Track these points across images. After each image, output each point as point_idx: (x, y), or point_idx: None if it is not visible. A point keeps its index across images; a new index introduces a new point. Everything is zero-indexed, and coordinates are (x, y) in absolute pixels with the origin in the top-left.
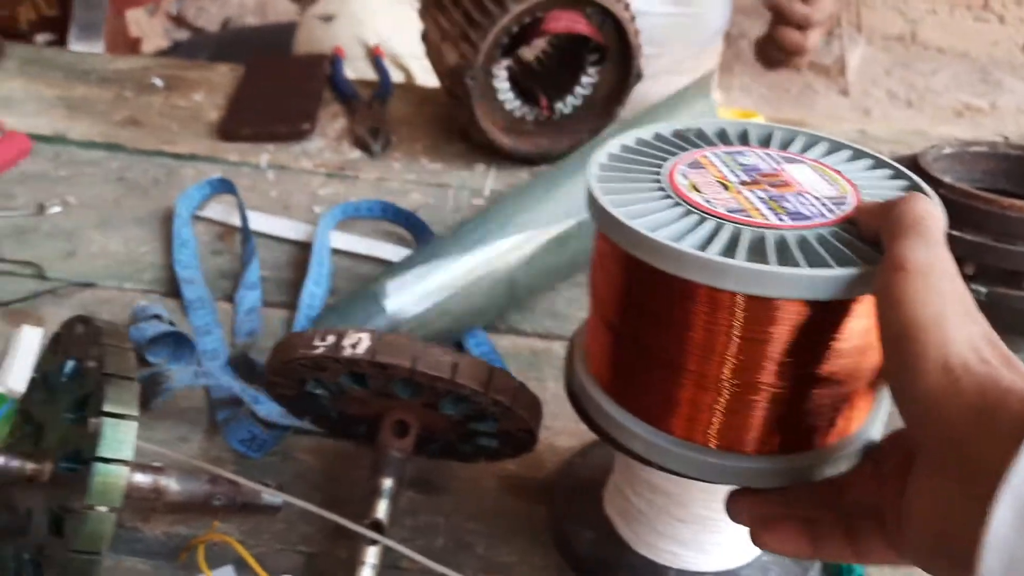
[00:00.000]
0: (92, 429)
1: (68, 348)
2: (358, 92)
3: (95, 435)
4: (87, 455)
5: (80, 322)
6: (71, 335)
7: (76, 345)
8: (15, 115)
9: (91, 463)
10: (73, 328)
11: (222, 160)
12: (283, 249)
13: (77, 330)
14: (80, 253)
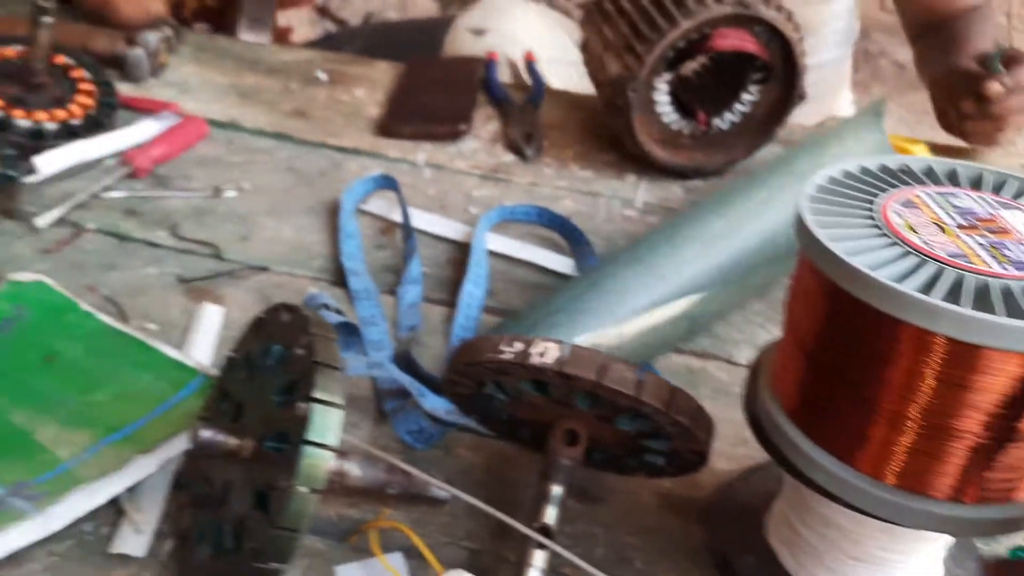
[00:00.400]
0: (300, 413)
1: (273, 333)
2: (511, 96)
3: (304, 419)
4: (294, 437)
5: (285, 310)
6: (276, 321)
7: (281, 331)
8: (192, 100)
9: (299, 445)
10: (278, 315)
11: (382, 156)
12: (441, 247)
13: (282, 317)
14: (254, 237)
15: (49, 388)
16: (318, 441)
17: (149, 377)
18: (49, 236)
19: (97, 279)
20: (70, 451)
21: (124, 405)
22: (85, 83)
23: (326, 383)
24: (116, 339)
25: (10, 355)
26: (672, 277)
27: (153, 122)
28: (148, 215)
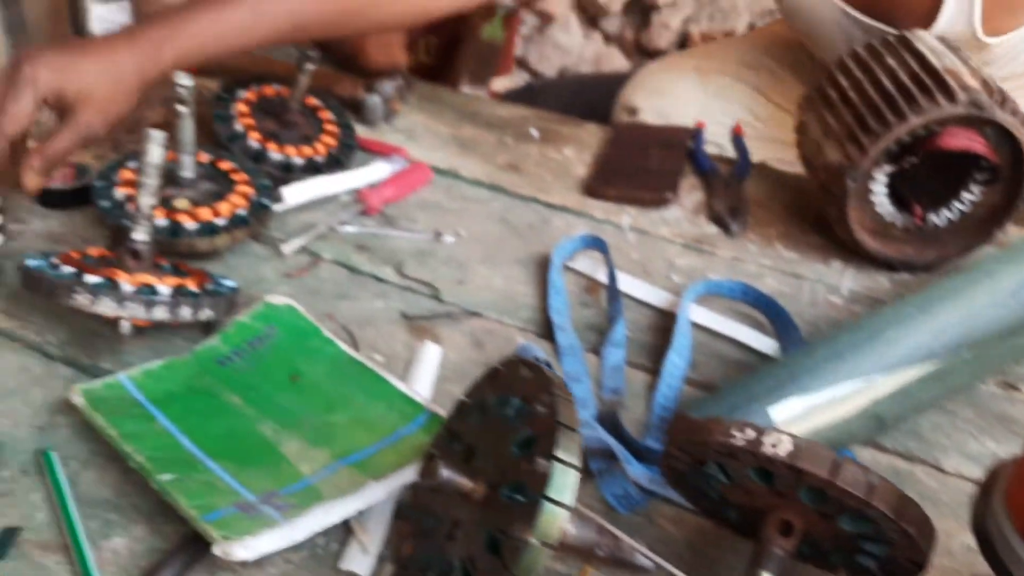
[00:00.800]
0: (541, 469)
1: (511, 386)
2: (717, 168)
3: (544, 476)
4: (532, 491)
5: (525, 365)
6: (515, 375)
7: (521, 386)
8: (417, 146)
9: (539, 500)
10: (517, 369)
11: (588, 215)
12: (643, 312)
13: (522, 372)
14: (468, 282)
15: (293, 405)
16: (557, 499)
17: (381, 407)
18: (291, 262)
19: (331, 307)
20: (311, 467)
21: (359, 430)
22: (330, 124)
23: (567, 444)
24: (353, 367)
25: (261, 370)
26: (872, 375)
27: (385, 164)
28: (376, 251)
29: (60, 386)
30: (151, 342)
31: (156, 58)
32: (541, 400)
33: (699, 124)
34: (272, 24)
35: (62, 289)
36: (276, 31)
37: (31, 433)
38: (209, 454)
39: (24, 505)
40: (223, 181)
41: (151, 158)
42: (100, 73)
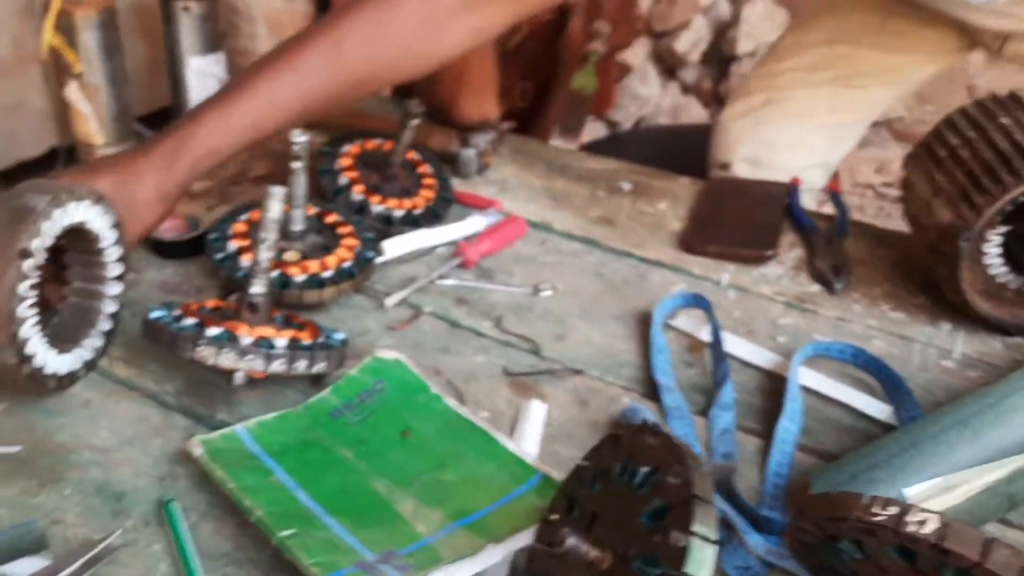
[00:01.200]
0: (676, 543)
1: (637, 454)
2: (816, 224)
3: (681, 550)
4: (668, 565)
5: (651, 433)
6: (640, 442)
7: (648, 454)
8: (510, 199)
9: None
10: (642, 436)
11: (685, 271)
12: (749, 373)
13: (648, 439)
14: (568, 338)
15: (404, 461)
16: (693, 574)
17: (492, 467)
18: (393, 314)
19: (434, 360)
20: (427, 528)
21: (472, 490)
22: (428, 178)
23: (704, 518)
24: (462, 425)
25: (371, 425)
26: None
27: (481, 218)
28: (475, 304)
29: (178, 436)
30: (263, 393)
31: (171, 170)
32: (672, 470)
33: (795, 181)
34: (283, 112)
35: (185, 341)
36: (286, 119)
37: (151, 483)
38: (326, 509)
39: (147, 557)
40: (329, 234)
41: (271, 213)
42: (115, 192)
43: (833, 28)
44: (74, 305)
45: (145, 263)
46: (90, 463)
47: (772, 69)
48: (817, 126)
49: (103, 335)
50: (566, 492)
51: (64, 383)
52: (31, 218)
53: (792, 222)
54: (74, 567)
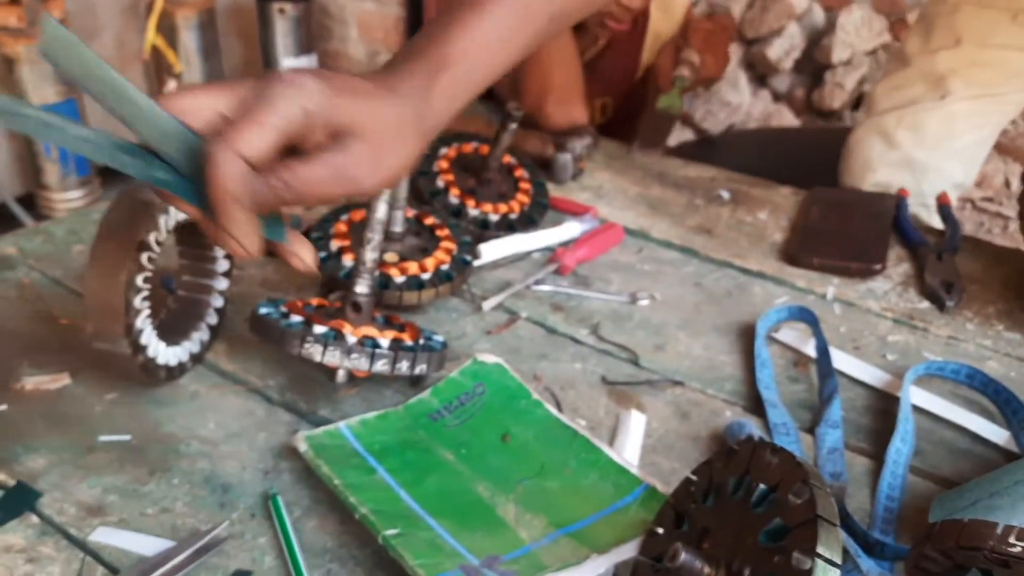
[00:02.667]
0: (799, 565)
1: (755, 471)
2: (925, 238)
3: (805, 572)
4: None
5: (771, 450)
6: (758, 459)
7: (767, 472)
8: (605, 205)
9: None
10: (762, 453)
11: (788, 283)
12: (857, 391)
13: (767, 457)
14: (668, 349)
15: (505, 466)
16: None
17: (594, 476)
18: (490, 318)
19: (532, 366)
20: (530, 534)
21: (574, 499)
22: (524, 182)
23: (829, 540)
24: (563, 432)
25: (471, 428)
26: None
27: (577, 224)
28: (572, 312)
29: (281, 431)
30: (363, 392)
31: (429, 98)
32: (795, 489)
33: (902, 192)
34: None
35: (293, 338)
36: (534, 33)
37: (256, 476)
38: (429, 511)
39: (253, 549)
40: (427, 236)
41: (378, 214)
42: (385, 106)
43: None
44: (183, 299)
45: (248, 261)
46: (198, 454)
47: (898, 82)
48: (953, 150)
49: (210, 329)
50: (674, 505)
51: (174, 374)
52: (149, 212)
53: (900, 236)
54: (184, 555)
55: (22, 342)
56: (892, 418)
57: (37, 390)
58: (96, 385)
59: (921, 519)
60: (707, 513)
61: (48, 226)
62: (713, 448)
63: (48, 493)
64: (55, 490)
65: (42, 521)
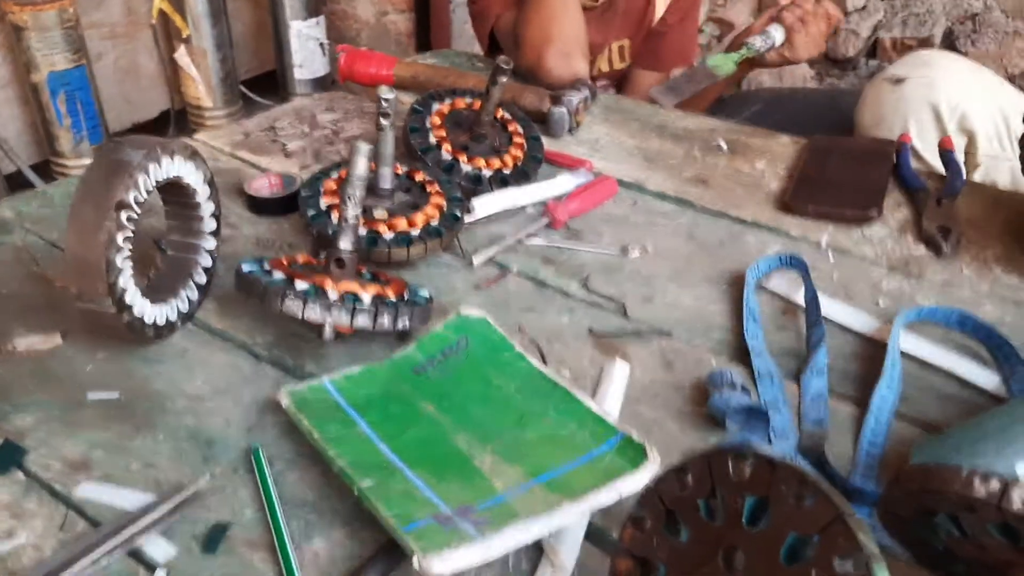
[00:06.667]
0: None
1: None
2: (925, 183)
3: None
4: None
5: (733, 458)
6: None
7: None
8: (601, 159)
9: None
10: (724, 468)
11: (782, 232)
12: (846, 338)
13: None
14: (656, 300)
15: (485, 418)
16: None
17: (572, 425)
18: (480, 273)
19: (520, 319)
20: (504, 483)
21: (551, 448)
22: (518, 136)
23: (866, 535)
24: (543, 383)
25: (454, 380)
26: None
27: (570, 177)
28: (562, 265)
29: (267, 386)
30: (350, 348)
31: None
32: (794, 494)
33: (903, 137)
34: None
35: (274, 295)
36: None
37: (241, 432)
38: (406, 462)
39: (234, 502)
40: (418, 192)
41: (358, 170)
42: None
43: None
44: (171, 258)
45: (241, 220)
46: (184, 411)
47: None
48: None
49: (198, 288)
50: (633, 551)
51: (162, 332)
52: (127, 171)
53: (900, 182)
54: (165, 508)
55: (16, 304)
56: (880, 365)
57: (29, 351)
58: (87, 345)
59: (903, 464)
60: (683, 550)
61: (46, 189)
62: (695, 397)
63: (34, 450)
64: (41, 447)
65: (27, 477)
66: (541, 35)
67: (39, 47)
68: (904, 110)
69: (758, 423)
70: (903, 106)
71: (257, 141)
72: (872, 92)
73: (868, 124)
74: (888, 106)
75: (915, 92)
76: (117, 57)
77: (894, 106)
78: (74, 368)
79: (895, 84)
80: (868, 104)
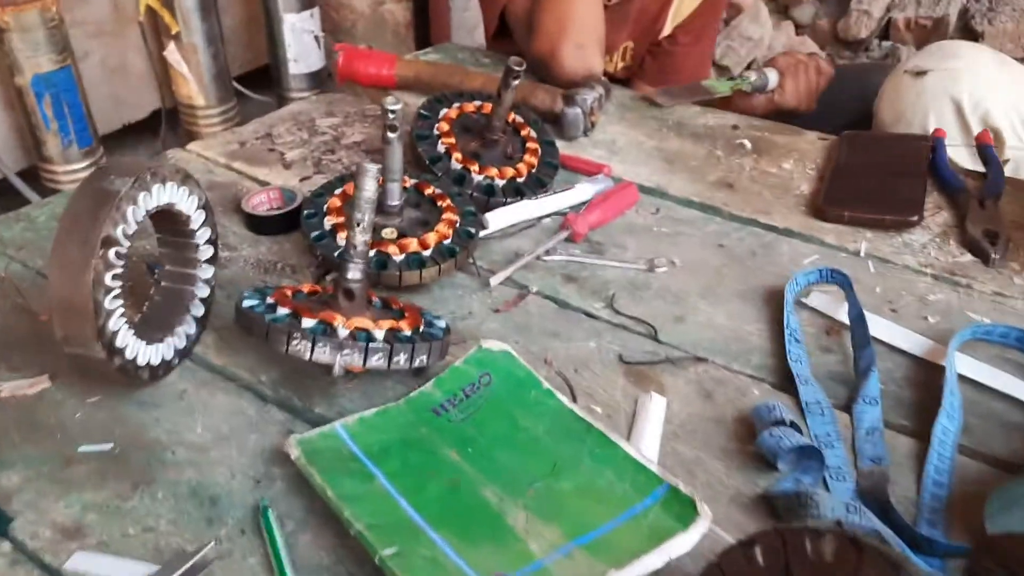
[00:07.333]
0: None
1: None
2: (964, 183)
3: None
4: None
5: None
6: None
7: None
8: (619, 162)
9: None
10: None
11: (816, 240)
12: (896, 360)
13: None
14: (688, 320)
15: (515, 466)
16: None
17: (610, 474)
18: (498, 294)
19: (543, 345)
20: (541, 546)
21: (589, 502)
22: (532, 141)
23: None
24: (575, 424)
25: (477, 422)
26: None
27: (589, 185)
28: (585, 283)
29: (274, 431)
30: (362, 384)
31: None
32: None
33: (938, 132)
34: None
35: (280, 334)
36: None
37: (247, 486)
38: (431, 522)
39: (243, 570)
40: (428, 207)
41: (365, 192)
42: None
43: None
44: (166, 290)
45: (239, 240)
46: (184, 462)
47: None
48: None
49: (196, 321)
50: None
51: (158, 373)
52: (113, 202)
53: (938, 181)
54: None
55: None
56: (936, 390)
57: (14, 396)
58: (77, 388)
59: (972, 508)
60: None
61: (30, 211)
62: (739, 432)
63: (22, 515)
64: (29, 511)
65: (14, 548)
66: (558, 25)
67: (22, 48)
68: (925, 104)
69: (812, 463)
70: (924, 100)
71: (253, 150)
72: (892, 85)
73: (887, 118)
74: (908, 99)
75: (937, 85)
76: (104, 56)
77: (914, 100)
78: (63, 415)
79: (916, 76)
80: (887, 97)
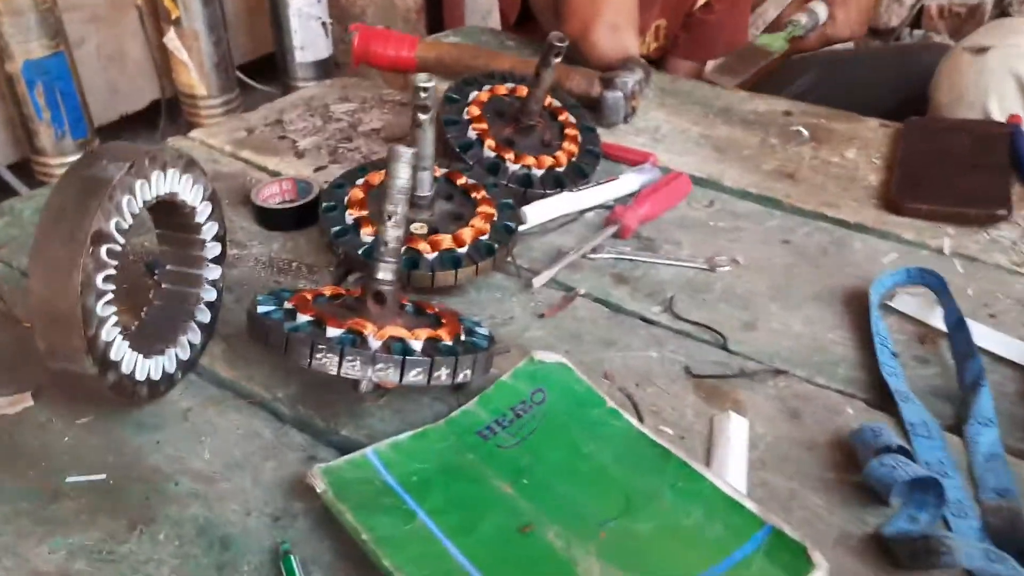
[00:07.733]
0: None
1: None
2: None
3: None
4: None
5: None
6: None
7: None
8: (664, 150)
9: None
10: None
11: (893, 236)
12: (1003, 372)
13: None
14: (760, 326)
15: (580, 500)
16: None
17: (698, 513)
18: (541, 296)
19: (598, 356)
20: None
21: (674, 547)
22: (570, 128)
23: None
24: (650, 451)
25: (532, 448)
26: None
27: (635, 175)
28: (638, 284)
29: (294, 458)
30: (395, 402)
31: None
32: None
33: (1013, 118)
34: None
35: (301, 346)
36: None
37: (264, 524)
38: (485, 571)
39: None
40: (461, 199)
41: (399, 181)
42: None
43: None
44: (166, 293)
45: (249, 236)
46: (189, 496)
47: None
48: None
49: (201, 328)
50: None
51: (158, 390)
52: (106, 192)
53: (1017, 171)
54: None
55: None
56: None
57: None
58: (64, 407)
59: None
60: None
61: (12, 204)
62: (836, 460)
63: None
64: (6, 556)
65: None
66: (589, 4)
67: (12, 33)
68: (985, 83)
69: (929, 497)
70: (984, 78)
71: (262, 138)
72: (950, 63)
73: (945, 99)
74: (969, 78)
75: (999, 63)
76: (100, 42)
77: (975, 78)
78: (49, 439)
79: (976, 54)
80: (945, 76)
